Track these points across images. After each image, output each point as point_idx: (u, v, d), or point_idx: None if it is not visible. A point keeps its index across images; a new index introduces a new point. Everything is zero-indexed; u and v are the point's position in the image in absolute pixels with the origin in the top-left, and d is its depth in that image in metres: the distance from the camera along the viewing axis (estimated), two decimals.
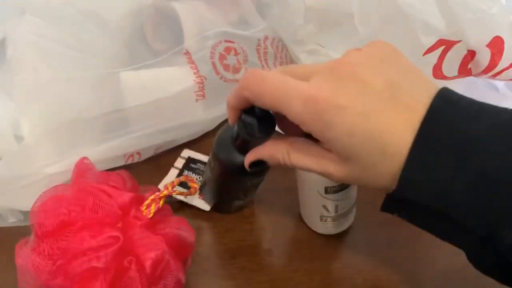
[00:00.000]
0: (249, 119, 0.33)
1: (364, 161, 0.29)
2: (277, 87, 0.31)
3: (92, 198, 0.34)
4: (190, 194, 0.42)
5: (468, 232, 0.27)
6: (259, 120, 0.33)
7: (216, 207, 0.46)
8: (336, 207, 0.41)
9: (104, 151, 0.44)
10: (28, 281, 0.34)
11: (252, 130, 0.33)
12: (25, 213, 0.44)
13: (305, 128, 0.30)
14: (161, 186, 0.47)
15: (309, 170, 0.32)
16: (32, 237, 0.35)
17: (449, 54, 0.44)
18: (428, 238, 0.44)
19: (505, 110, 0.27)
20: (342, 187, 0.39)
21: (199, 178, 0.47)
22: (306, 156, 0.32)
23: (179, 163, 0.49)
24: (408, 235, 0.45)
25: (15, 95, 0.43)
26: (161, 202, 0.38)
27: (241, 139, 0.35)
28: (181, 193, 0.42)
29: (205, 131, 0.52)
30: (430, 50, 0.44)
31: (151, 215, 0.37)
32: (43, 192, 0.36)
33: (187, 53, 0.47)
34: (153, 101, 0.46)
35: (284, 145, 0.33)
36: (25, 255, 0.34)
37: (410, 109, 0.28)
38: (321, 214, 0.42)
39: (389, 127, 0.28)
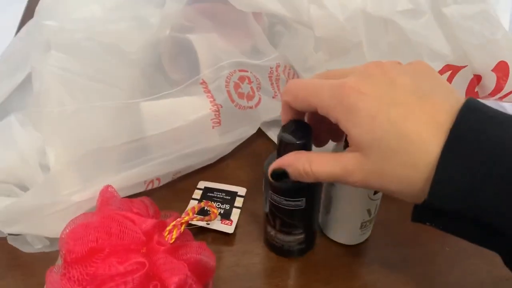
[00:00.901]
0: (286, 127, 0.37)
1: (386, 149, 0.29)
2: (311, 86, 0.33)
3: (117, 225, 0.36)
4: (210, 220, 0.44)
5: (502, 236, 0.27)
6: (295, 128, 0.37)
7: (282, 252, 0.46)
8: (376, 206, 0.43)
9: (125, 178, 0.46)
10: None
11: (288, 137, 0.36)
12: (51, 240, 0.46)
13: (332, 116, 0.31)
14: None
15: (330, 174, 0.32)
16: (60, 263, 0.37)
17: (456, 78, 0.45)
18: (441, 258, 0.45)
19: None
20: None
21: (218, 205, 0.49)
22: (326, 161, 0.33)
23: (197, 194, 0.51)
24: (421, 255, 0.46)
25: (42, 126, 0.45)
26: (182, 228, 0.40)
27: (278, 148, 0.38)
28: (201, 219, 0.44)
29: (221, 156, 0.54)
30: None
31: (173, 240, 0.39)
32: (71, 220, 0.38)
33: (204, 82, 0.49)
34: (171, 129, 0.48)
35: (304, 155, 0.34)
36: (55, 281, 0.35)
37: (436, 112, 0.28)
38: (362, 220, 0.44)
39: (414, 122, 0.28)
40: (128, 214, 0.38)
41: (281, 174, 0.36)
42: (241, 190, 0.51)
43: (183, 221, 0.40)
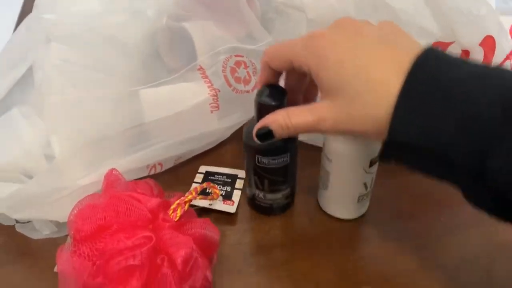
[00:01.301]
0: (261, 91, 0.40)
1: (352, 92, 0.31)
2: (287, 43, 0.36)
3: (124, 204, 0.38)
4: (213, 199, 0.45)
5: (461, 169, 0.29)
6: (270, 92, 0.40)
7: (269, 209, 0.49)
8: (372, 180, 0.45)
9: (128, 163, 0.48)
10: (69, 283, 0.37)
11: (265, 100, 0.40)
12: (58, 225, 0.47)
13: (305, 65, 0.34)
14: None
15: (306, 124, 0.35)
16: (70, 242, 0.38)
17: None
18: (438, 230, 0.47)
19: (484, 64, 0.30)
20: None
21: (219, 187, 0.50)
22: (302, 112, 0.35)
23: (198, 178, 0.53)
24: (418, 227, 0.47)
25: (46, 116, 0.47)
26: (186, 206, 0.41)
27: (257, 112, 0.41)
28: (204, 198, 0.45)
29: (221, 140, 0.55)
30: None
31: (178, 218, 0.40)
32: (78, 202, 0.39)
33: (201, 68, 0.50)
34: (171, 115, 0.49)
35: (284, 110, 0.37)
36: (65, 259, 0.37)
37: (399, 57, 0.31)
38: (359, 194, 0.46)
39: (378, 66, 0.31)
40: (134, 194, 0.39)
41: (266, 133, 0.38)
42: (242, 173, 0.53)
43: (186, 199, 0.41)
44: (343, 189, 0.46)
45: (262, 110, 0.40)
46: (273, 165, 0.44)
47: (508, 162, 0.26)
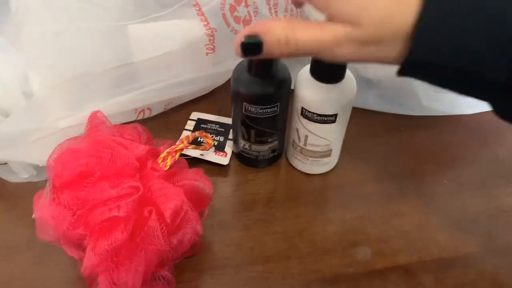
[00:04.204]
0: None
1: (379, 13, 0.26)
2: None
3: (109, 150, 0.34)
4: (205, 149, 0.42)
5: (487, 83, 0.26)
6: None
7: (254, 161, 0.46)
8: (306, 137, 0.42)
9: (114, 105, 0.44)
10: (47, 232, 0.34)
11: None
12: (37, 169, 0.44)
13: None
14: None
15: (318, 41, 0.28)
16: (48, 188, 0.35)
17: None
18: (440, 190, 0.45)
19: None
20: (319, 119, 0.40)
21: (212, 137, 0.47)
22: (312, 27, 0.28)
23: (190, 125, 0.49)
24: (419, 187, 0.45)
25: (23, 49, 0.42)
26: (176, 156, 0.38)
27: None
28: (196, 147, 0.42)
29: (215, 86, 0.51)
30: None
31: (167, 167, 0.37)
32: (58, 145, 0.35)
33: (197, 4, 0.45)
34: (162, 55, 0.45)
35: (285, 20, 0.29)
36: (43, 207, 0.34)
37: None
38: (293, 139, 0.44)
39: None
40: (120, 140, 0.36)
41: (253, 45, 0.29)
42: None
43: (177, 148, 0.38)
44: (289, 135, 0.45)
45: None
46: (261, 115, 0.41)
47: None
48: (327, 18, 0.28)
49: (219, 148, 0.47)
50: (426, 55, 0.26)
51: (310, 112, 0.40)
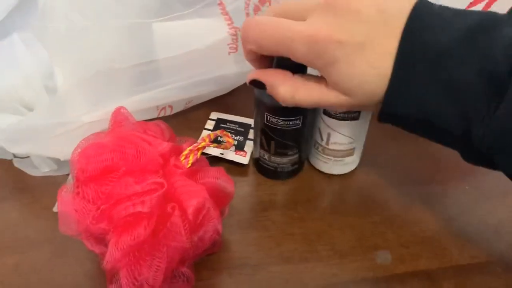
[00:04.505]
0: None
1: (369, 91, 0.31)
2: (276, 33, 0.32)
3: (133, 145, 0.34)
4: (226, 148, 0.42)
5: (451, 133, 0.30)
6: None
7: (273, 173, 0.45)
8: (329, 136, 0.42)
9: (137, 102, 0.44)
10: (70, 226, 0.34)
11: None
12: (58, 163, 0.45)
13: (311, 64, 0.32)
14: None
15: (317, 104, 0.34)
16: (72, 183, 0.35)
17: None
18: (462, 196, 0.44)
19: (471, 16, 0.28)
20: (342, 115, 0.40)
21: (232, 137, 0.47)
22: (312, 89, 0.33)
23: (210, 124, 0.49)
24: (440, 193, 0.45)
25: (48, 44, 0.42)
26: (198, 153, 0.38)
27: (276, 64, 0.37)
28: (217, 146, 0.42)
29: (236, 86, 0.51)
30: None
31: (189, 165, 0.37)
32: (82, 139, 0.36)
33: (221, 3, 0.45)
34: (185, 53, 0.45)
35: (288, 84, 0.34)
36: (67, 200, 0.34)
37: (395, 29, 0.29)
38: (315, 139, 0.43)
39: (382, 53, 0.29)
40: (144, 136, 0.36)
41: (260, 85, 0.36)
42: None
43: (199, 146, 0.38)
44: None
45: (281, 63, 0.36)
46: (283, 126, 0.40)
47: (491, 129, 0.27)
48: (328, 80, 0.32)
49: (239, 147, 0.47)
50: (393, 111, 0.31)
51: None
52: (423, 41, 0.28)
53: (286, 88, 0.34)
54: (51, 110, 0.41)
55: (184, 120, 0.50)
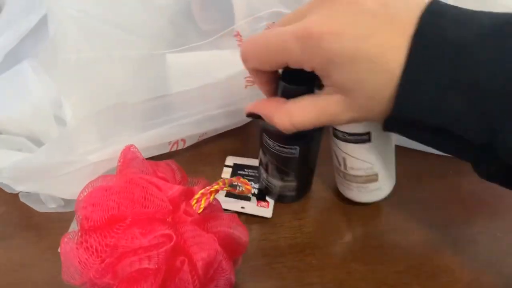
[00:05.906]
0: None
1: (370, 88, 0.28)
2: (270, 41, 0.30)
3: (141, 191, 0.32)
4: (243, 193, 0.40)
5: (468, 143, 0.27)
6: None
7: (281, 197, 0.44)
8: (344, 160, 0.39)
9: (148, 138, 0.42)
10: (73, 275, 0.32)
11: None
12: (65, 199, 0.43)
13: (308, 67, 0.30)
14: None
15: (315, 123, 0.32)
16: (77, 229, 0.33)
17: None
18: (492, 243, 0.41)
19: (495, 15, 0.26)
20: (351, 138, 0.37)
21: (252, 184, 0.44)
22: (306, 109, 0.32)
23: (226, 172, 0.47)
24: (468, 239, 0.42)
25: (58, 75, 0.41)
26: (211, 197, 0.36)
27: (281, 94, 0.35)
28: (233, 190, 0.39)
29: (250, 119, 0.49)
30: None
31: (201, 210, 0.34)
32: (89, 182, 0.34)
33: (238, 35, 0.43)
34: (200, 87, 0.43)
35: (283, 108, 0.33)
36: (70, 250, 0.32)
37: (404, 25, 0.26)
38: (335, 164, 0.41)
39: (388, 47, 0.27)
40: (153, 179, 0.34)
41: (257, 116, 0.35)
42: None
43: (212, 189, 0.36)
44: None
45: (287, 93, 0.34)
46: (278, 152, 0.39)
47: None
48: (328, 84, 0.30)
49: (261, 196, 0.44)
50: (403, 115, 0.28)
51: (340, 131, 0.38)
52: (442, 36, 0.25)
53: (281, 116, 0.33)
54: (57, 147, 0.39)
55: (197, 153, 0.48)
